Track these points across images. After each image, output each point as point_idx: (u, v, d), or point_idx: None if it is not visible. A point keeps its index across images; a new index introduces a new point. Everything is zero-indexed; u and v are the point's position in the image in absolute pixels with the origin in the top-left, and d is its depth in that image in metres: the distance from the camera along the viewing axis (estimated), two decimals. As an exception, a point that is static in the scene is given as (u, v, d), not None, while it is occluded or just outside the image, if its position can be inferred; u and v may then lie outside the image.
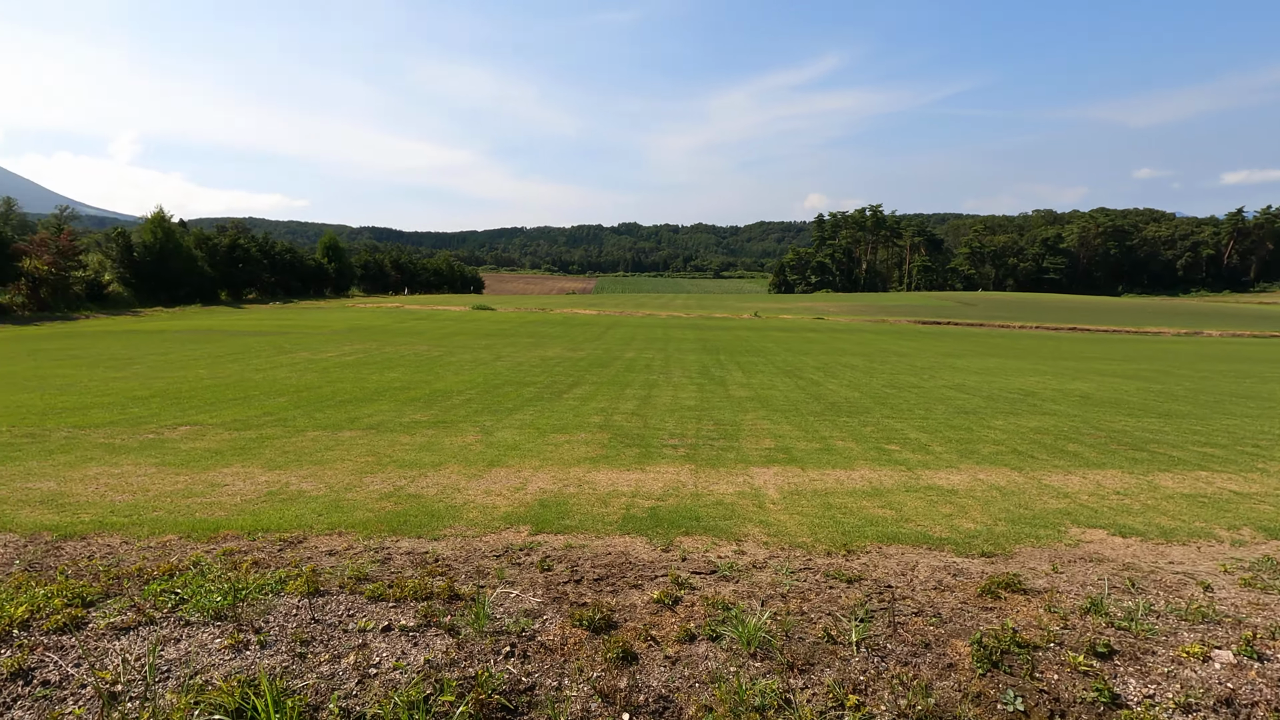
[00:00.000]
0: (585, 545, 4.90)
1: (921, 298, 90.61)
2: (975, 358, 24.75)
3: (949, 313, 60.62)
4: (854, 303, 73.55)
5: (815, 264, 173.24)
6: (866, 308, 64.31)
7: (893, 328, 45.19)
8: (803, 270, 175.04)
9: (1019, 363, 22.79)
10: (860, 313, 58.64)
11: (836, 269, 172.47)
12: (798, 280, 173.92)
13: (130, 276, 45.24)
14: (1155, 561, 4.69)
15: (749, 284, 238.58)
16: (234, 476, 6.94)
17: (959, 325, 49.67)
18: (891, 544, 5.03)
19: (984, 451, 8.53)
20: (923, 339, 34.87)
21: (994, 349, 29.28)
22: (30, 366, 17.37)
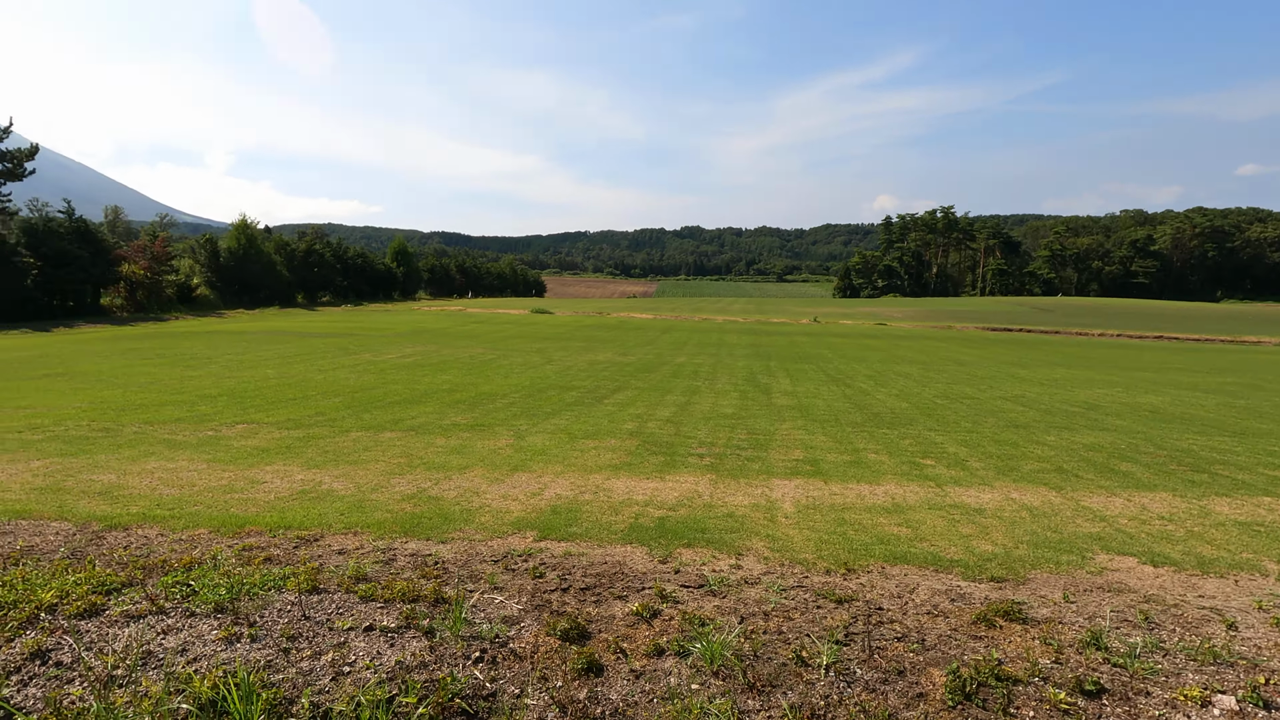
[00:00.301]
0: (584, 554, 4.96)
1: (994, 303, 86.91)
2: (1042, 368, 23.58)
3: (1022, 319, 57.92)
4: (920, 308, 71.21)
5: (882, 267, 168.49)
6: (933, 313, 62.16)
7: (959, 335, 43.54)
8: (869, 274, 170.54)
9: (1090, 373, 21.59)
10: (926, 319, 56.71)
11: (905, 273, 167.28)
12: (864, 284, 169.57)
13: (216, 280, 48.31)
14: (1183, 594, 4.39)
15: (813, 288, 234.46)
16: (274, 474, 7.34)
17: (1031, 332, 47.39)
18: (897, 564, 4.88)
19: (1025, 469, 8.14)
20: (989, 347, 33.46)
21: (1066, 358, 27.82)
22: (121, 365, 18.75)
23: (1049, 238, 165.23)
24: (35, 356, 20.95)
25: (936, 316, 58.76)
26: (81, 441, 8.90)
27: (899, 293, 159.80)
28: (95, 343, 25.84)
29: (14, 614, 3.57)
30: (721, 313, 58.08)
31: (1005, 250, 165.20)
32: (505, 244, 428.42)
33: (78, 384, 14.73)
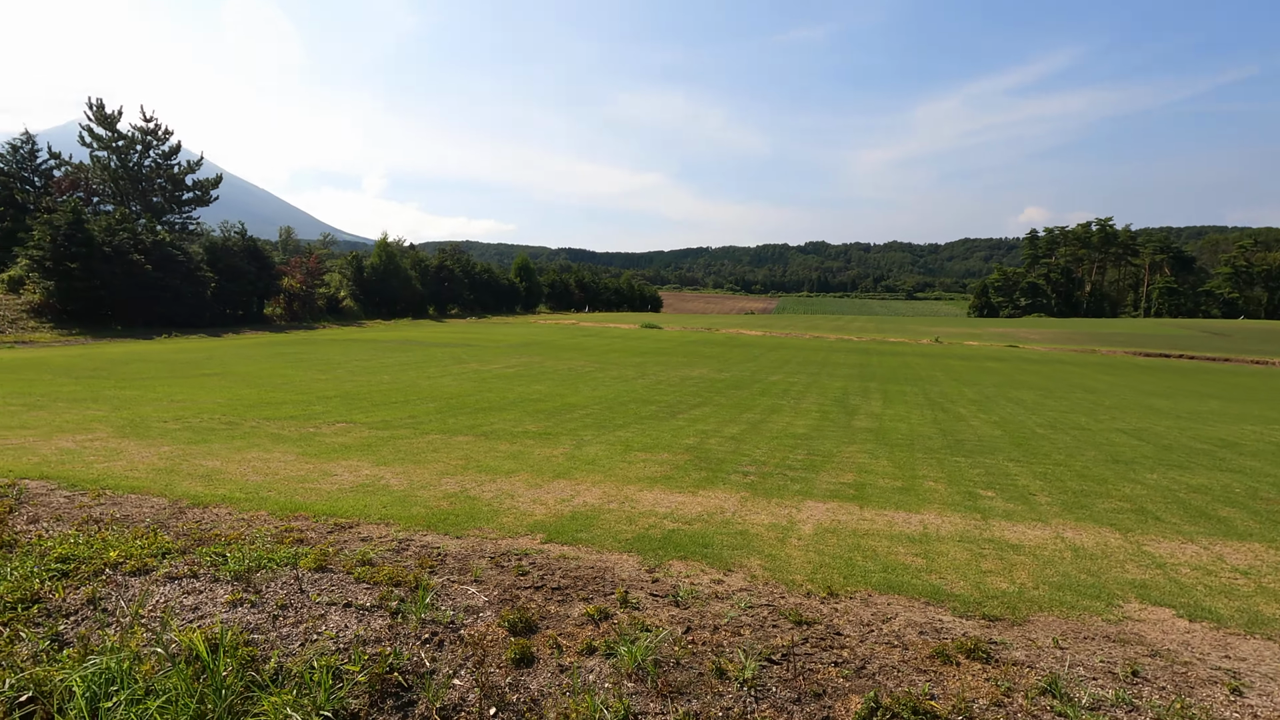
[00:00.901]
0: (578, 558, 5.20)
1: (1156, 325, 78.00)
2: (1189, 399, 21.01)
3: (1188, 344, 51.60)
4: (1064, 329, 65.24)
5: (1025, 285, 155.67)
6: (1077, 335, 56.75)
7: (1101, 360, 39.52)
8: (1010, 292, 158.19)
9: (1248, 407, 18.99)
10: (1067, 341, 51.91)
11: (1052, 291, 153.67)
12: (1003, 303, 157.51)
13: (360, 293, 53.35)
14: (1206, 653, 3.93)
15: (946, 306, 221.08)
16: (345, 469, 8.18)
17: (1194, 359, 42.11)
18: (888, 593, 4.71)
19: (1099, 507, 7.43)
20: (1131, 374, 30.17)
21: (1225, 389, 24.56)
22: (266, 367, 21.26)
23: (1231, 252, 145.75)
24: (203, 358, 24.21)
25: (1080, 339, 53.61)
26: (206, 432, 10.31)
27: (1044, 313, 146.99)
28: (252, 347, 29.42)
29: (85, 567, 4.36)
30: (837, 331, 56.26)
31: (1175, 267, 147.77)
32: (628, 260, 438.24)
33: (226, 382, 16.93)
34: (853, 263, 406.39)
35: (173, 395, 14.49)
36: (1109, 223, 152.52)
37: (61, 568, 4.33)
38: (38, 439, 9.39)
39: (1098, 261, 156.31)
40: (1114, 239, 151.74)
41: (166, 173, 43.41)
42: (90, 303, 34.36)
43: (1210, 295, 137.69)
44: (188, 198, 44.36)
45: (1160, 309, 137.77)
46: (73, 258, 33.65)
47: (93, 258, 34.06)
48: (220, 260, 40.88)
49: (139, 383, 16.50)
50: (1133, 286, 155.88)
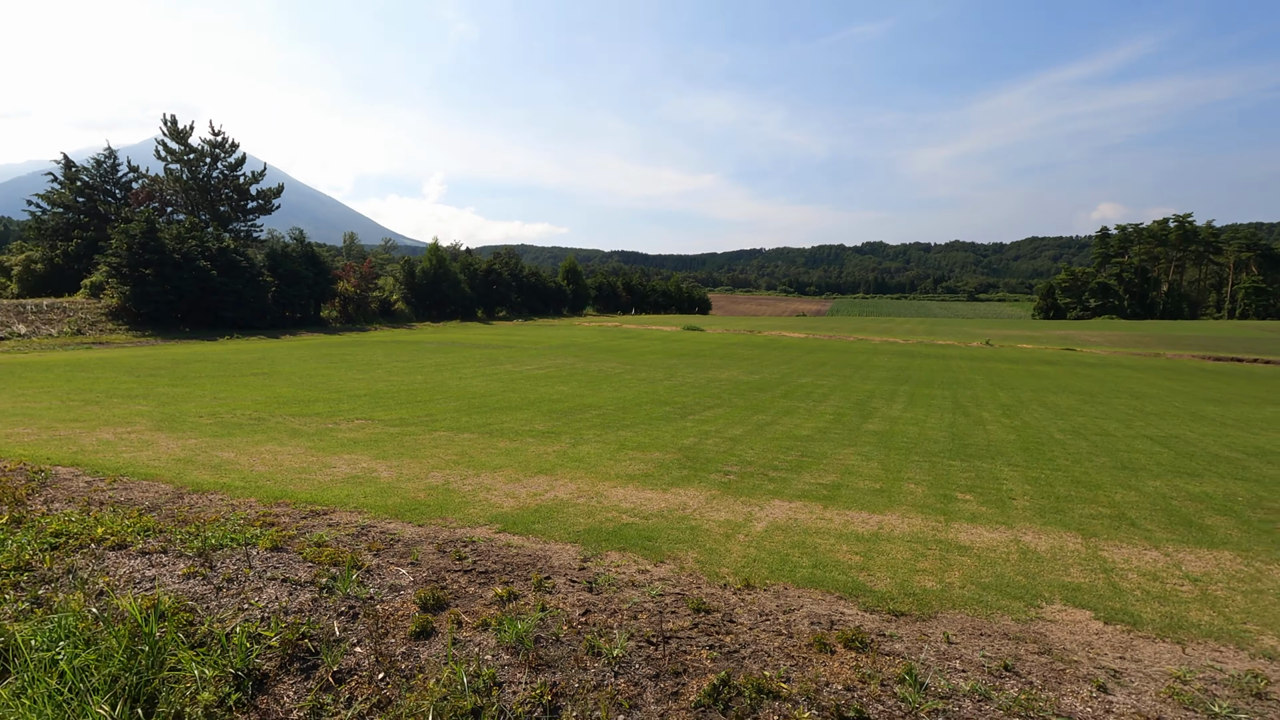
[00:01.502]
0: (522, 546, 5.52)
1: (1237, 327, 73.38)
2: (1245, 404, 19.91)
3: (1268, 347, 48.49)
4: (1133, 332, 62.08)
5: (1095, 286, 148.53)
6: (1145, 338, 53.95)
7: (1166, 364, 37.56)
8: (1078, 293, 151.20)
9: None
10: (1133, 344, 49.44)
11: (1124, 291, 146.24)
12: (1071, 304, 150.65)
13: (411, 296, 55.30)
14: (1101, 653, 3.95)
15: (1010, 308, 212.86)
16: (345, 462, 8.73)
17: (1272, 364, 39.55)
18: (806, 587, 4.85)
19: (1077, 512, 7.29)
20: (1192, 379, 28.63)
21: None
22: (310, 367, 22.42)
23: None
24: (256, 359, 25.66)
25: (1147, 342, 50.97)
26: (233, 426, 11.10)
27: (1116, 314, 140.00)
28: (304, 348, 30.98)
29: (73, 542, 4.93)
30: (885, 333, 55.09)
31: (1264, 265, 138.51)
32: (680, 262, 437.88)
33: (269, 381, 17.99)
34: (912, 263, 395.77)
35: (217, 393, 15.53)
36: (1188, 219, 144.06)
37: (53, 541, 4.91)
38: (84, 430, 10.32)
39: (1175, 260, 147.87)
40: (1194, 236, 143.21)
41: (233, 183, 46.10)
42: (161, 306, 36.76)
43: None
44: (252, 206, 46.97)
45: (1246, 310, 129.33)
46: (146, 264, 36.11)
47: (164, 264, 36.46)
48: (280, 265, 43.07)
49: (190, 381, 17.71)
50: (1215, 286, 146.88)
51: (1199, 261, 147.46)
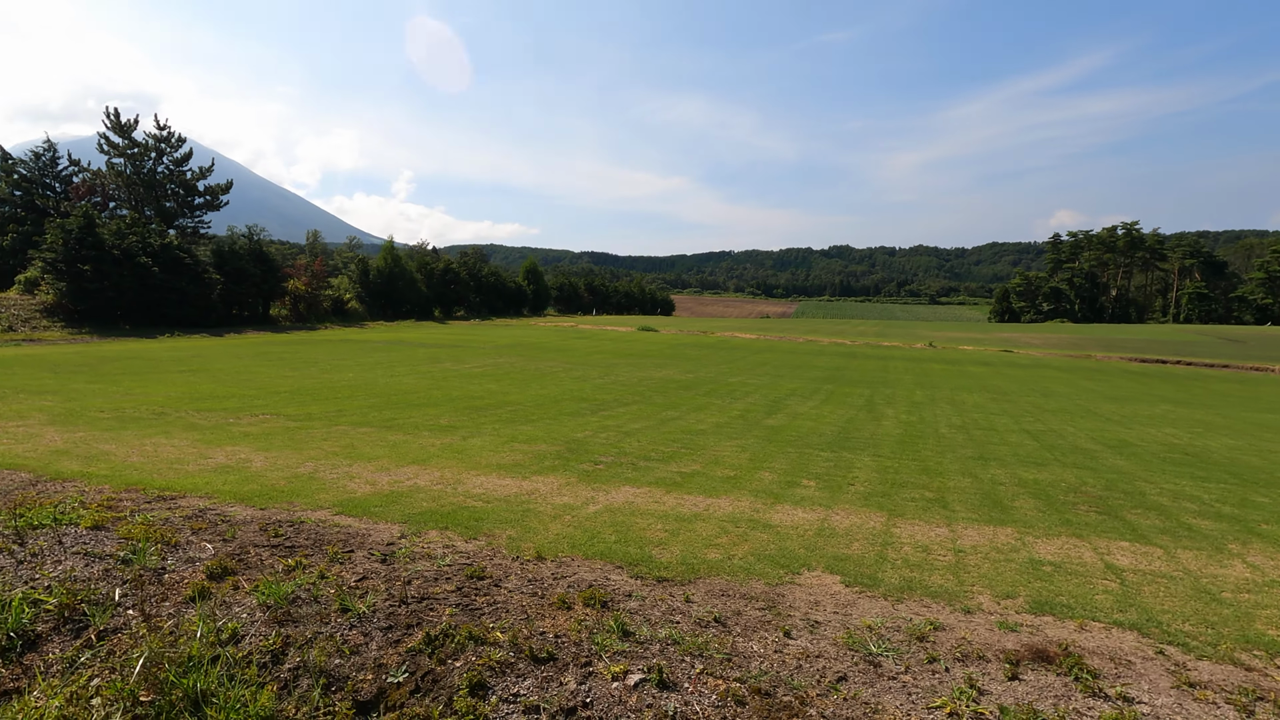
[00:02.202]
0: (347, 526, 5.89)
1: (1174, 331, 76.42)
2: (1143, 402, 21.04)
3: (1198, 351, 50.67)
4: (1074, 335, 64.30)
5: (1048, 290, 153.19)
6: (1082, 341, 55.97)
7: (1091, 365, 39.15)
8: (1032, 297, 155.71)
9: (1199, 413, 18.98)
10: (1069, 346, 51.33)
11: (1075, 296, 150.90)
12: (1025, 308, 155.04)
13: (366, 295, 54.93)
14: (821, 609, 4.47)
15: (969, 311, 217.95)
16: (225, 453, 8.97)
17: (1191, 365, 41.48)
18: (593, 558, 5.31)
19: (900, 496, 7.89)
20: (1110, 379, 29.99)
21: (1193, 396, 24.38)
22: (244, 365, 22.32)
23: (1264, 257, 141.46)
24: (190, 356, 25.43)
25: (1083, 345, 52.94)
26: (130, 420, 11.23)
27: (1067, 318, 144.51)
28: (245, 346, 30.72)
29: (-104, 521, 5.16)
30: (837, 335, 56.29)
31: (1206, 272, 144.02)
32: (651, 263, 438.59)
33: (194, 378, 17.96)
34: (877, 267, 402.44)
35: (131, 389, 15.52)
36: (1135, 226, 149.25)
37: (-123, 522, 5.15)
38: (-29, 424, 10.37)
39: (1124, 266, 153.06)
40: (1140, 243, 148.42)
41: (179, 178, 45.32)
42: (100, 303, 36.05)
43: (1243, 301, 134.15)
44: (199, 202, 46.23)
45: (1190, 315, 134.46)
46: (84, 260, 35.38)
47: (103, 260, 35.77)
48: (227, 263, 42.49)
49: (110, 378, 17.61)
50: (1161, 292, 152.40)
51: (1146, 268, 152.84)
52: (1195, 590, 5.16)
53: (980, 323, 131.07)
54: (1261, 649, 4.15)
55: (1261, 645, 4.20)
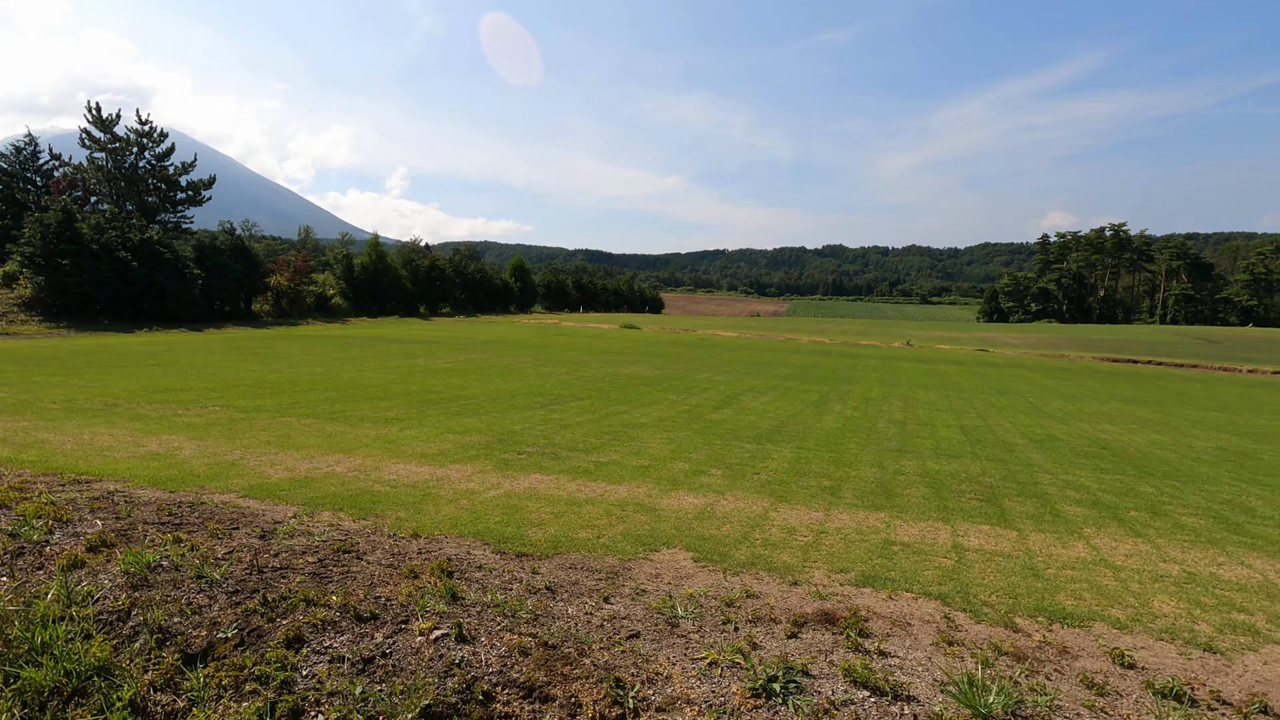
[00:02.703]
0: (246, 507, 6.23)
1: (1153, 332, 77.24)
2: (1095, 400, 21.51)
3: (1175, 351, 51.31)
4: (1053, 335, 64.96)
5: (1036, 291, 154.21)
6: (1061, 341, 56.60)
7: (1065, 365, 39.72)
8: (1020, 297, 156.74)
9: (1143, 410, 19.46)
10: (1045, 346, 51.93)
11: (1063, 297, 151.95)
12: (1014, 308, 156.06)
13: (350, 291, 55.14)
14: (653, 580, 4.85)
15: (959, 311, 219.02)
16: (159, 442, 9.30)
17: (1162, 365, 42.10)
18: (466, 535, 5.68)
19: (799, 485, 8.27)
20: (1075, 378, 30.51)
21: (1148, 395, 24.90)
22: (212, 359, 22.57)
23: (1249, 259, 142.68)
24: (162, 351, 25.65)
25: (1061, 345, 53.56)
26: (78, 411, 11.53)
27: (1055, 318, 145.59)
28: (220, 341, 30.93)
29: None
30: (818, 333, 56.75)
31: (1193, 273, 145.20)
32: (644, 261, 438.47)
33: (159, 371, 18.23)
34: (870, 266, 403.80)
35: (91, 382, 15.80)
36: (1123, 228, 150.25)
37: None
38: (-82, 413, 10.66)
39: (1111, 267, 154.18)
40: (1128, 245, 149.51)
41: (161, 173, 45.44)
42: (79, 298, 36.20)
43: (1228, 302, 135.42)
44: (181, 197, 46.36)
45: (1176, 316, 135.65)
46: (62, 254, 35.53)
47: (81, 255, 35.92)
48: (208, 258, 42.65)
49: (74, 371, 17.87)
50: (1149, 293, 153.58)
51: (1133, 269, 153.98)
52: (1023, 567, 5.56)
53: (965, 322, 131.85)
54: (1046, 616, 4.55)
55: (1048, 613, 4.60)
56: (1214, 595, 5.12)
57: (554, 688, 3.29)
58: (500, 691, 3.29)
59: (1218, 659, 4.01)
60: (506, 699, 3.26)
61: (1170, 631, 4.38)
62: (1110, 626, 4.42)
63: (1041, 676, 3.62)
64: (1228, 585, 5.37)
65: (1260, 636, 4.40)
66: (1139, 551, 6.18)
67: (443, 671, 3.39)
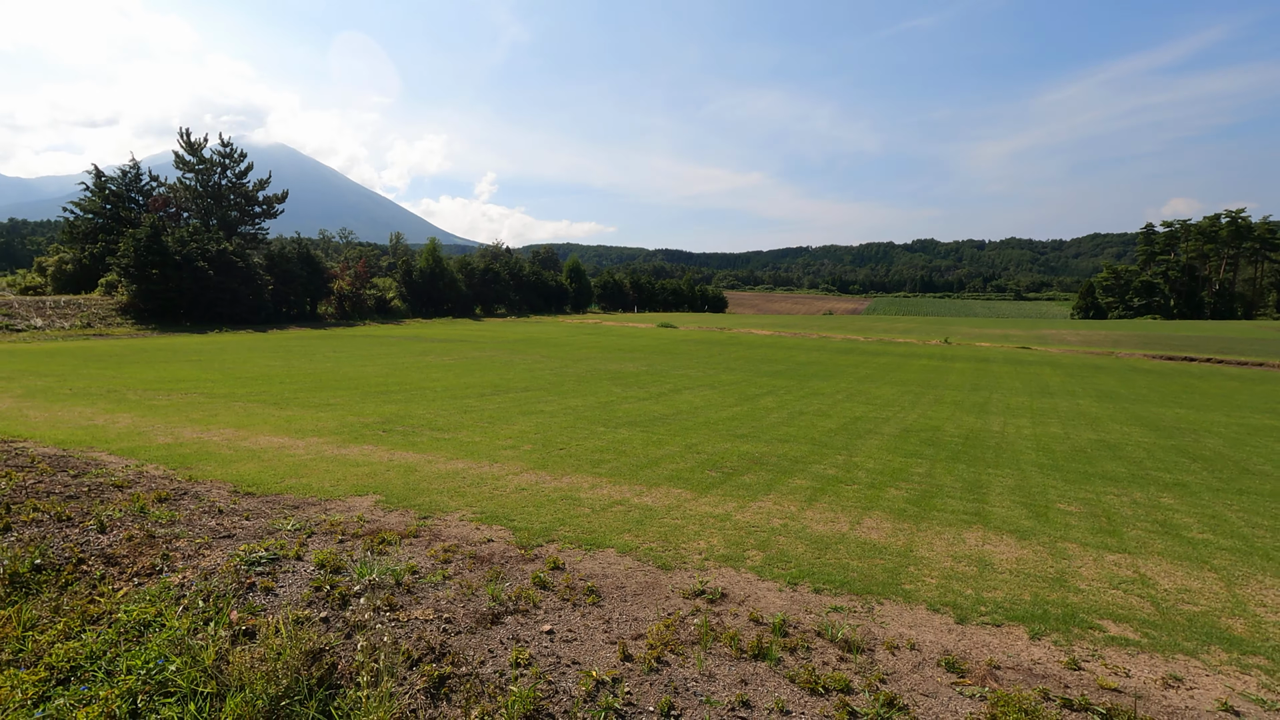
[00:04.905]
0: (95, 458, 8.25)
1: (1250, 329, 70.79)
2: (1086, 398, 21.09)
3: (1254, 349, 47.43)
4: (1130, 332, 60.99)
5: (1139, 285, 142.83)
6: (1131, 338, 53.27)
7: (1103, 362, 37.85)
8: (1121, 292, 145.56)
9: (1112, 408, 19.08)
10: (1106, 344, 49.18)
11: (1171, 291, 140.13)
12: (1114, 303, 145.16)
13: (408, 294, 59.32)
14: (464, 540, 6.41)
15: (1056, 307, 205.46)
16: (108, 417, 11.64)
17: (1224, 364, 39.25)
18: (228, 481, 7.41)
19: (695, 476, 8.60)
20: (1089, 376, 29.36)
21: (1150, 393, 23.93)
22: (247, 356, 25.78)
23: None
24: (212, 349, 29.35)
25: (1125, 342, 50.50)
26: (83, 396, 14.25)
27: (1161, 314, 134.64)
28: (272, 340, 34.72)
29: None
30: (863, 331, 56.01)
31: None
32: (724, 260, 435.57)
33: (186, 367, 21.33)
34: (964, 261, 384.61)
35: (122, 373, 18.91)
36: (1241, 214, 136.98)
37: None
38: (-41, 395, 13.63)
39: (1228, 258, 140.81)
40: (1248, 233, 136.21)
41: (240, 190, 50.85)
42: (164, 303, 41.32)
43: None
44: (257, 211, 51.66)
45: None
46: (152, 265, 40.70)
47: (166, 265, 41.00)
48: (277, 266, 47.34)
49: (123, 365, 21.24)
50: (1275, 285, 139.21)
51: (1255, 259, 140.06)
52: (699, 518, 6.72)
53: (1063, 319, 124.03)
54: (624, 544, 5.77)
55: (618, 545, 5.81)
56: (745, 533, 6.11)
57: (144, 557, 4.94)
58: (92, 560, 4.97)
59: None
60: (94, 563, 4.93)
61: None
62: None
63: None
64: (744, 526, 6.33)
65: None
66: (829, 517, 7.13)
67: (96, 554, 5.11)
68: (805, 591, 5.03)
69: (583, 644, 3.96)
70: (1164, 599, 5.15)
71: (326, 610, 4.17)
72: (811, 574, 5.36)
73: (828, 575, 5.34)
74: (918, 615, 4.67)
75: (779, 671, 3.69)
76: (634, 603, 4.61)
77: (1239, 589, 5.43)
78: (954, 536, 6.51)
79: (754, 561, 5.63)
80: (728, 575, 5.30)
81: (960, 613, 4.73)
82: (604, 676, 3.53)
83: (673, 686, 3.51)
